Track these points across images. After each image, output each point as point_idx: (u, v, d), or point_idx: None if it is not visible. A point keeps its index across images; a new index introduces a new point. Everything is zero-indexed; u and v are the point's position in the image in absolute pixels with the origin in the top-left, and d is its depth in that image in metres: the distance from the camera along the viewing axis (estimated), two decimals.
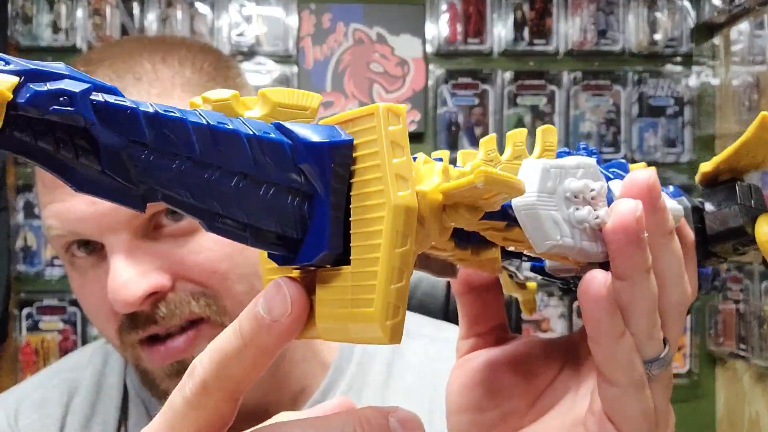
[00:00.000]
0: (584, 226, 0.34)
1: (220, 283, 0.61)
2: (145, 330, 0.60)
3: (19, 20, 2.26)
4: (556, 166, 0.34)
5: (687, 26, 2.36)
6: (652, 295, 0.34)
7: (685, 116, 2.37)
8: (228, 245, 0.60)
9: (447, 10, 2.32)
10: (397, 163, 0.28)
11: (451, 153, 1.40)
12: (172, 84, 0.63)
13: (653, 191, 0.34)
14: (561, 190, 0.34)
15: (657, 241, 0.35)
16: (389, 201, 0.27)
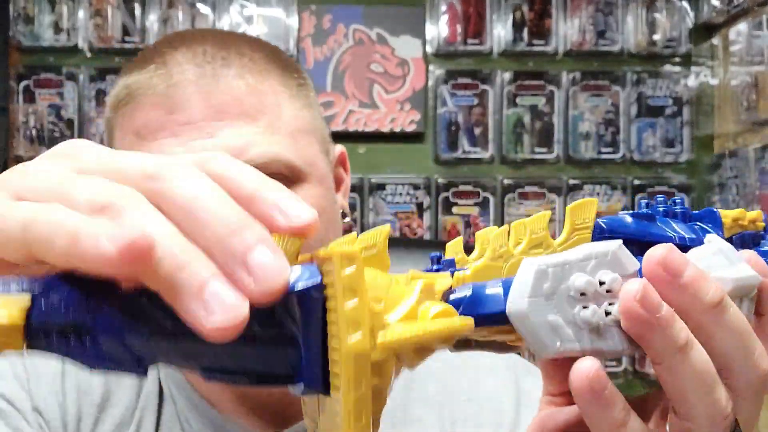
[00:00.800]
0: (595, 326, 0.32)
1: None
2: None
3: (20, 21, 2.27)
4: (555, 264, 0.32)
5: (685, 27, 2.37)
6: (698, 375, 0.32)
7: (683, 116, 2.38)
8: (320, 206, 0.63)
9: (447, 10, 2.33)
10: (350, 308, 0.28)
11: (451, 154, 1.41)
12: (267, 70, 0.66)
13: (669, 267, 0.32)
14: (563, 290, 0.32)
15: (699, 318, 0.32)
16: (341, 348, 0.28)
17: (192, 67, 0.63)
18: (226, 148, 0.59)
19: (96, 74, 2.29)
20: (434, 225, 2.32)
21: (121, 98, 0.65)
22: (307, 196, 0.65)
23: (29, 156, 2.27)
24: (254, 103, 0.63)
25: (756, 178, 2.06)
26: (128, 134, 0.64)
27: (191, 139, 0.61)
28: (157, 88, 0.62)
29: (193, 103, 0.62)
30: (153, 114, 0.62)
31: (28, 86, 2.28)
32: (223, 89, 0.62)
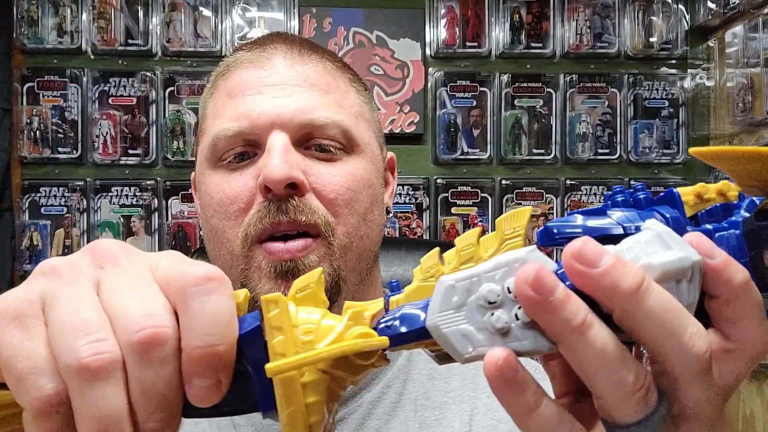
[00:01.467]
0: (503, 329, 0.34)
1: (341, 208, 0.71)
2: (275, 218, 0.68)
3: (24, 23, 2.29)
4: (463, 278, 0.34)
5: (682, 29, 2.39)
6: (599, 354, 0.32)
7: (679, 118, 2.40)
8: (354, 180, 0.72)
9: (445, 14, 2.35)
10: (275, 342, 0.35)
11: (450, 155, 1.45)
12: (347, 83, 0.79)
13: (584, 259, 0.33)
14: (473, 300, 0.34)
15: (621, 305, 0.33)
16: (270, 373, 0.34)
17: (284, 47, 0.76)
18: (298, 104, 0.71)
19: (99, 76, 2.31)
20: (434, 225, 2.35)
21: (220, 72, 0.78)
22: (359, 166, 0.73)
23: (33, 157, 2.29)
24: (329, 81, 0.75)
25: None
26: (221, 97, 0.75)
27: (273, 97, 0.72)
28: (252, 56, 0.75)
29: (279, 69, 0.74)
30: (245, 75, 0.74)
31: (32, 88, 2.30)
32: (305, 64, 0.75)
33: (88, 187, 2.30)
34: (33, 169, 2.31)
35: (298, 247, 0.69)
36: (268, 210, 0.69)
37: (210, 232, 0.74)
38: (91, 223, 2.30)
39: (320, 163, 0.72)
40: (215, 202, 0.72)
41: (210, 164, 0.74)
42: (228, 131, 0.71)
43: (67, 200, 2.29)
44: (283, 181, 0.67)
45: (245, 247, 0.70)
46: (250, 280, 0.70)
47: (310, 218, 0.69)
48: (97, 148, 2.30)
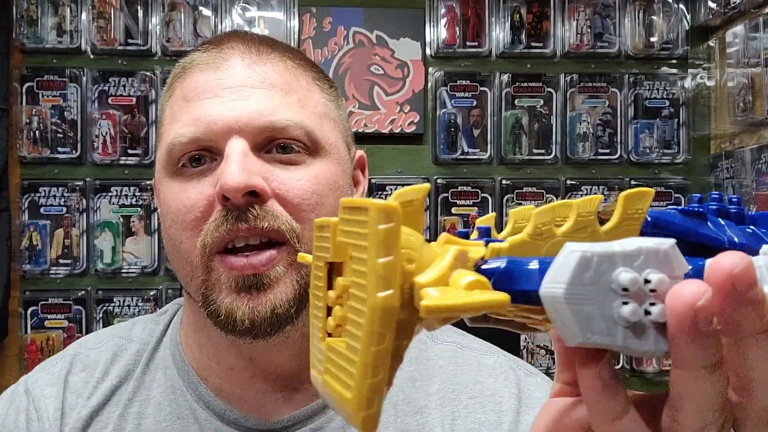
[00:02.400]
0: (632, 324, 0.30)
1: (307, 213, 0.68)
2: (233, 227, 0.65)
3: (23, 23, 2.29)
4: (601, 254, 0.30)
5: (682, 29, 2.38)
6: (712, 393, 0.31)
7: (680, 117, 2.40)
8: (319, 184, 0.69)
9: (446, 13, 2.35)
10: (382, 263, 0.28)
11: (450, 155, 1.44)
12: None
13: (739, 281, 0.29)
14: (605, 282, 0.30)
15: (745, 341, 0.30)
16: (368, 301, 0.28)
17: (241, 47, 0.72)
18: (257, 108, 0.68)
19: (99, 76, 2.30)
20: (434, 225, 2.34)
21: (177, 74, 0.74)
22: (325, 168, 0.70)
23: (32, 157, 2.29)
24: (290, 80, 0.71)
25: (752, 179, 2.07)
26: (177, 101, 0.72)
27: (230, 100, 0.68)
28: (209, 58, 0.72)
29: (237, 71, 0.70)
30: (201, 78, 0.70)
31: (32, 88, 2.30)
32: (265, 62, 0.71)
33: (87, 187, 2.29)
34: (32, 168, 2.31)
35: (262, 261, 0.65)
36: (226, 218, 0.65)
37: (169, 243, 0.71)
38: (90, 223, 2.30)
39: (283, 167, 0.68)
40: (173, 212, 0.69)
41: (167, 171, 0.70)
42: (183, 137, 0.68)
43: (66, 200, 2.29)
44: (242, 189, 0.64)
45: (204, 256, 0.67)
46: (211, 292, 0.67)
47: (273, 224, 0.66)
48: (96, 147, 2.29)
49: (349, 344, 0.29)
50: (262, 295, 0.65)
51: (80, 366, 0.79)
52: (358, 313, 0.29)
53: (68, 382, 0.78)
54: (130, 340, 0.81)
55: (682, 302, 0.29)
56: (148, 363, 0.78)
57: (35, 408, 0.77)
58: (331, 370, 0.31)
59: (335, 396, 0.30)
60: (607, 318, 0.30)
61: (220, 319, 0.66)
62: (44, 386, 0.78)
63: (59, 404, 0.76)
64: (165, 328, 0.81)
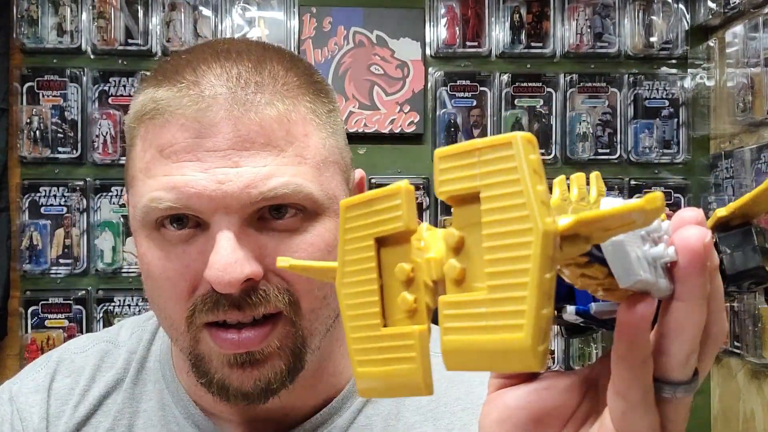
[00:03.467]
0: (657, 263, 0.35)
1: (304, 284, 0.63)
2: (225, 314, 0.61)
3: (24, 22, 2.29)
4: None
5: (682, 29, 2.38)
6: (701, 323, 0.36)
7: (680, 117, 2.40)
8: (318, 251, 0.62)
9: (446, 13, 2.35)
10: (540, 190, 0.29)
11: None
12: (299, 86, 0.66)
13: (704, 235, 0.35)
14: None
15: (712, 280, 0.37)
16: (537, 227, 0.28)
17: (225, 91, 0.61)
18: (248, 177, 0.59)
19: (99, 76, 2.31)
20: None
21: (147, 111, 0.63)
22: (322, 230, 0.63)
23: (33, 157, 2.29)
24: (282, 134, 0.62)
25: (752, 179, 2.07)
26: (151, 149, 0.63)
27: (215, 167, 0.60)
28: (186, 109, 0.61)
29: (221, 131, 0.60)
30: (180, 135, 0.61)
31: (32, 88, 2.30)
32: (252, 118, 0.61)
33: (87, 187, 2.30)
34: (33, 168, 2.31)
35: (254, 340, 0.61)
36: (219, 304, 0.61)
37: (151, 300, 0.67)
38: (90, 222, 2.30)
39: (277, 238, 0.62)
40: (156, 278, 0.63)
41: (144, 227, 0.63)
42: (159, 203, 0.60)
43: (66, 200, 2.29)
44: (235, 285, 0.59)
45: (192, 329, 0.63)
46: (201, 362, 0.64)
47: (269, 308, 0.61)
48: (96, 147, 2.30)
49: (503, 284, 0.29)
50: (255, 371, 0.62)
51: (65, 372, 0.78)
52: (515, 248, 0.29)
53: (52, 389, 0.76)
54: (117, 345, 0.79)
55: (693, 240, 0.35)
56: (138, 374, 0.76)
57: (20, 417, 0.76)
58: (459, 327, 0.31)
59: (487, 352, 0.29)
60: (646, 258, 0.34)
61: (212, 390, 0.64)
62: (28, 394, 0.77)
63: (44, 413, 0.75)
64: (152, 337, 0.79)
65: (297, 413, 0.72)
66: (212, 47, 0.66)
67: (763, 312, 2.02)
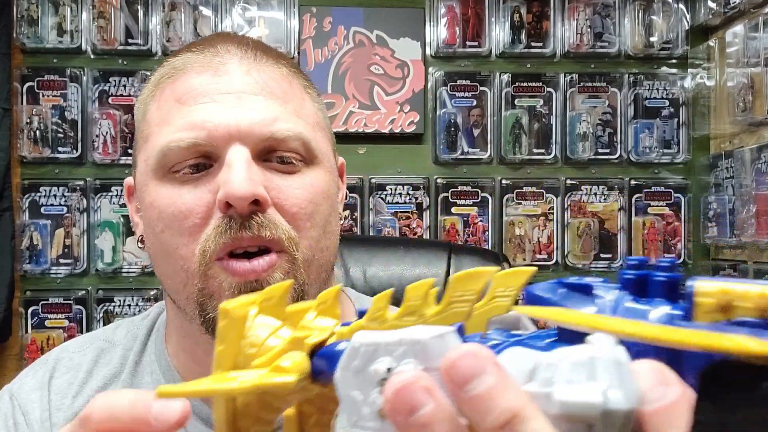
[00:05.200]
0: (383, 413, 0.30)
1: (303, 221, 0.69)
2: (237, 235, 0.65)
3: (24, 22, 2.29)
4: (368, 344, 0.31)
5: (682, 29, 2.38)
6: None
7: (680, 117, 2.40)
8: (315, 193, 0.70)
9: (446, 13, 2.35)
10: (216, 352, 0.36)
11: (450, 155, 1.45)
12: None
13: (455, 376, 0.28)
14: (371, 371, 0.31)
15: None
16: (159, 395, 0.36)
17: (238, 52, 0.71)
18: (258, 116, 0.67)
19: (99, 76, 2.31)
20: (434, 225, 2.35)
21: (165, 74, 0.72)
22: (318, 177, 0.71)
23: (33, 157, 2.29)
24: (286, 88, 0.71)
25: (752, 179, 2.07)
26: (168, 102, 0.70)
27: (231, 106, 0.67)
28: (204, 59, 0.70)
29: (235, 75, 0.69)
30: (196, 81, 0.69)
31: (32, 87, 2.30)
32: (262, 69, 0.71)
33: (88, 187, 2.30)
34: (33, 168, 2.31)
35: (264, 266, 0.66)
36: (229, 226, 0.65)
37: (159, 249, 0.70)
38: (91, 222, 2.30)
39: (281, 176, 0.69)
40: (166, 217, 0.68)
41: (156, 175, 0.69)
42: (181, 142, 0.67)
43: (67, 200, 2.29)
44: (248, 198, 0.64)
45: (203, 264, 0.66)
46: (209, 300, 0.67)
47: (274, 234, 0.66)
48: (97, 147, 2.30)
49: None
50: None
51: (63, 369, 0.80)
52: None
53: (52, 385, 0.79)
54: (114, 344, 0.81)
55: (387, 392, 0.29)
56: (135, 366, 0.78)
57: (22, 412, 0.78)
58: None
59: None
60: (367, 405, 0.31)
61: None
62: (29, 391, 0.79)
63: (45, 406, 0.77)
64: (148, 333, 0.81)
65: None
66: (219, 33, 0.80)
67: None
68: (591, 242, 2.37)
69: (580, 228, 2.37)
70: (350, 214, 2.31)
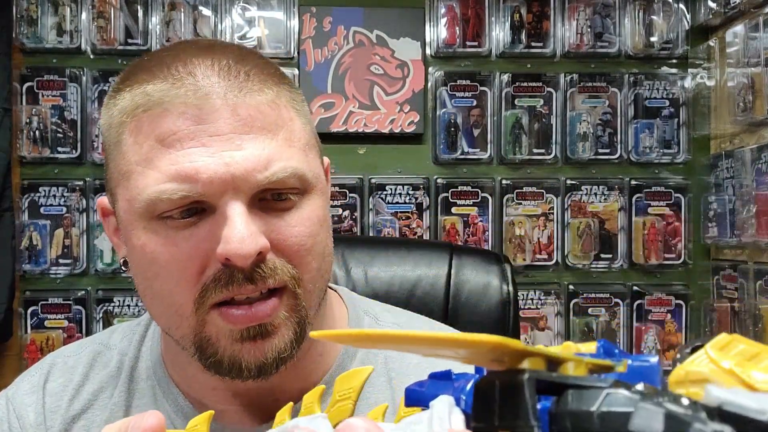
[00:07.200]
0: None
1: (303, 257, 0.67)
2: (239, 288, 0.64)
3: (23, 22, 2.29)
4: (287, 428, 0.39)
5: (682, 28, 2.38)
6: None
7: (680, 117, 2.40)
8: (312, 225, 0.67)
9: (446, 13, 2.35)
10: None
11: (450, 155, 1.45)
12: None
13: None
14: None
15: None
16: None
17: (219, 80, 0.65)
18: (252, 161, 0.63)
19: (99, 76, 2.30)
20: (434, 225, 2.34)
21: (139, 105, 0.66)
22: (314, 206, 0.68)
23: (32, 157, 2.29)
24: (274, 117, 0.67)
25: (752, 179, 2.07)
26: (148, 140, 0.65)
27: (221, 150, 0.63)
28: (186, 97, 0.64)
29: (222, 115, 0.64)
30: (181, 123, 0.64)
31: (32, 88, 2.30)
32: (249, 102, 0.65)
33: (87, 187, 2.29)
34: (32, 168, 2.31)
35: (267, 312, 0.65)
36: (233, 278, 0.64)
37: (150, 293, 0.68)
38: (90, 223, 2.30)
39: (277, 215, 0.66)
40: (161, 264, 0.65)
41: (143, 219, 0.65)
42: (173, 195, 0.63)
43: (66, 200, 2.29)
44: (252, 256, 0.62)
45: (200, 312, 0.65)
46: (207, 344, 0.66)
47: (278, 280, 0.65)
48: (96, 147, 2.30)
49: None
50: (266, 342, 0.65)
51: (58, 373, 0.80)
52: None
53: (46, 389, 0.79)
54: (109, 347, 0.81)
55: None
56: (131, 372, 0.78)
57: (17, 416, 0.78)
58: None
59: None
60: None
61: (222, 369, 0.66)
62: (24, 395, 0.79)
63: (40, 409, 0.78)
64: (141, 339, 0.81)
65: (285, 397, 0.72)
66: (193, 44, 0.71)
67: (763, 312, 2.02)
68: (591, 242, 2.37)
69: (580, 228, 2.37)
70: (350, 214, 2.31)
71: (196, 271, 0.65)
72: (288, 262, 0.66)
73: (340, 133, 2.29)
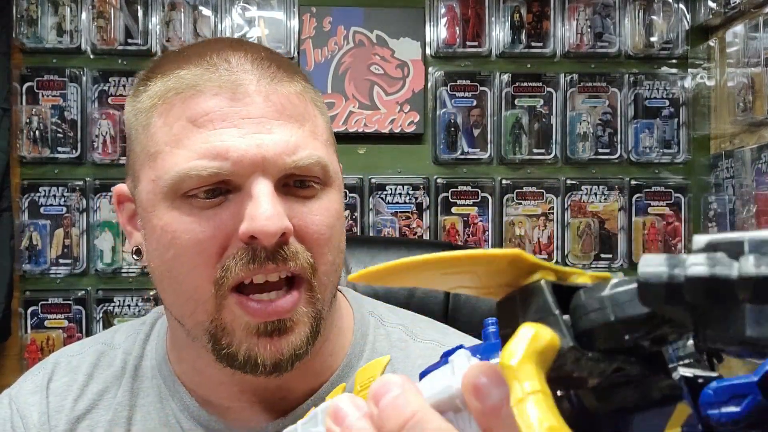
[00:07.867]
0: None
1: (321, 246, 0.68)
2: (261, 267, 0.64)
3: (23, 22, 2.29)
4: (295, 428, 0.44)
5: (682, 29, 2.38)
6: None
7: (680, 117, 2.40)
8: (331, 216, 0.69)
9: (446, 13, 2.35)
10: None
11: (450, 155, 1.46)
12: None
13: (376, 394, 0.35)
14: None
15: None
16: None
17: (253, 69, 0.68)
18: (282, 145, 0.65)
19: (99, 76, 2.31)
20: (434, 225, 2.35)
21: (173, 87, 0.68)
22: (333, 199, 0.70)
23: (32, 157, 2.29)
24: (301, 109, 0.69)
25: (752, 179, 2.07)
26: (180, 121, 0.67)
27: (252, 132, 0.65)
28: (220, 80, 0.67)
29: (255, 100, 0.66)
30: (214, 104, 0.66)
31: (32, 87, 2.30)
32: (280, 91, 0.68)
33: (87, 187, 2.29)
34: (32, 168, 2.31)
35: (287, 308, 0.65)
36: (255, 257, 0.64)
37: (167, 274, 0.68)
38: (90, 222, 2.30)
39: (300, 202, 0.68)
40: (182, 244, 0.65)
41: (168, 198, 0.66)
42: (203, 171, 0.64)
43: (66, 200, 2.29)
44: (278, 234, 0.63)
45: (217, 293, 0.65)
46: (223, 333, 0.66)
47: (298, 265, 0.66)
48: (96, 147, 2.30)
49: None
50: (284, 339, 0.66)
51: (62, 372, 0.80)
52: None
53: (50, 388, 0.79)
54: (113, 347, 0.81)
55: None
56: (135, 370, 0.78)
57: (20, 416, 0.78)
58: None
59: None
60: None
61: (237, 362, 0.66)
62: (27, 395, 0.79)
63: (44, 409, 0.77)
64: (146, 338, 0.81)
65: (293, 396, 0.73)
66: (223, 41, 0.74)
67: None
68: (591, 242, 2.37)
69: (580, 228, 2.37)
70: (350, 214, 2.31)
71: (216, 252, 0.65)
72: (306, 249, 0.67)
73: (340, 133, 2.29)
